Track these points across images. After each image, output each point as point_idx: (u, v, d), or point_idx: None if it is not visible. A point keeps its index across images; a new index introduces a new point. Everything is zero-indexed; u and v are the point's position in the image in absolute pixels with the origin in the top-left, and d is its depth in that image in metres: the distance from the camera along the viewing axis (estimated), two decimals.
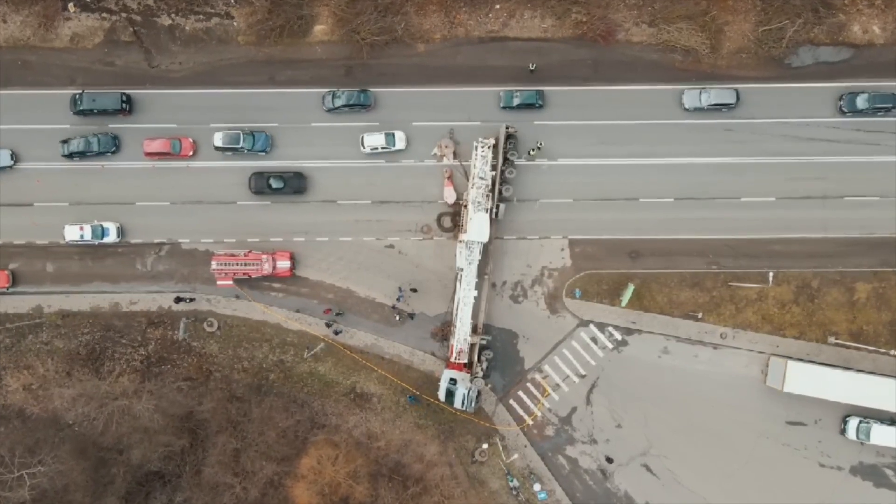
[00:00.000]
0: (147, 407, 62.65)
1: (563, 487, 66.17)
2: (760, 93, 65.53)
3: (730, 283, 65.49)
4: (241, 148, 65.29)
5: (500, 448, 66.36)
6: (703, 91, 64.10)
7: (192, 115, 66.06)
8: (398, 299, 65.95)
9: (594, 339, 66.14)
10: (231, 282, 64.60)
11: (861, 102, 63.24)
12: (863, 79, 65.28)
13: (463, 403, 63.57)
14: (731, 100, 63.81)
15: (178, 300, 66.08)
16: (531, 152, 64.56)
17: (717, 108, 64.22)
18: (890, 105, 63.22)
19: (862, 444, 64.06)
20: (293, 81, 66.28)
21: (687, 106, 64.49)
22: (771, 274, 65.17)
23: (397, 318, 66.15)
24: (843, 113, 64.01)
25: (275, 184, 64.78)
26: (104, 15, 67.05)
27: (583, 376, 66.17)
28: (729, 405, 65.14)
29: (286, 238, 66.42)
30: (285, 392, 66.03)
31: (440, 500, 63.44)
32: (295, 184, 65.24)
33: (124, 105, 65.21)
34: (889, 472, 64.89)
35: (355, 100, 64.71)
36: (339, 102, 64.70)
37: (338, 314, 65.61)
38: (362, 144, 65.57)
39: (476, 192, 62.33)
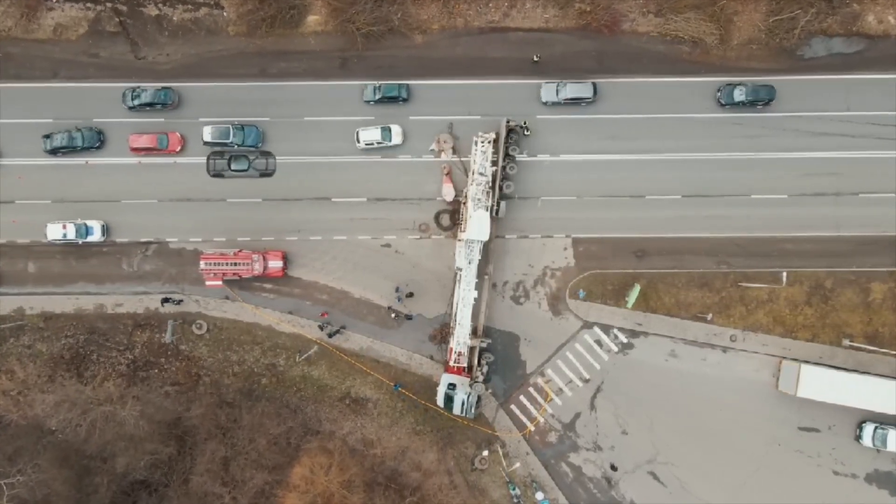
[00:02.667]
0: (132, 413, 61.68)
1: (566, 496, 65.18)
2: (771, 85, 64.14)
3: (740, 284, 64.38)
4: (231, 143, 64.29)
5: (501, 455, 65.34)
6: (560, 84, 63.07)
7: (179, 108, 65.06)
8: (396, 299, 64.80)
9: (598, 342, 65.10)
10: (220, 282, 63.52)
11: (738, 95, 62.50)
12: (877, 71, 64.10)
13: (462, 409, 62.47)
14: (588, 94, 62.84)
15: (165, 301, 64.77)
16: (525, 132, 63.75)
17: (575, 102, 63.10)
18: (766, 98, 62.62)
19: (878, 451, 62.91)
20: (286, 74, 65.36)
21: (544, 100, 63.49)
22: (784, 274, 64.07)
23: (393, 316, 65.05)
24: (721, 105, 63.30)
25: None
26: (89, 5, 65.91)
27: (587, 380, 65.22)
28: (739, 410, 64.16)
29: (278, 237, 65.39)
30: (277, 397, 65.24)
31: None
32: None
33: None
34: None
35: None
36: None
37: (337, 331, 64.54)
38: (357, 139, 64.59)
39: (476, 189, 61.35)
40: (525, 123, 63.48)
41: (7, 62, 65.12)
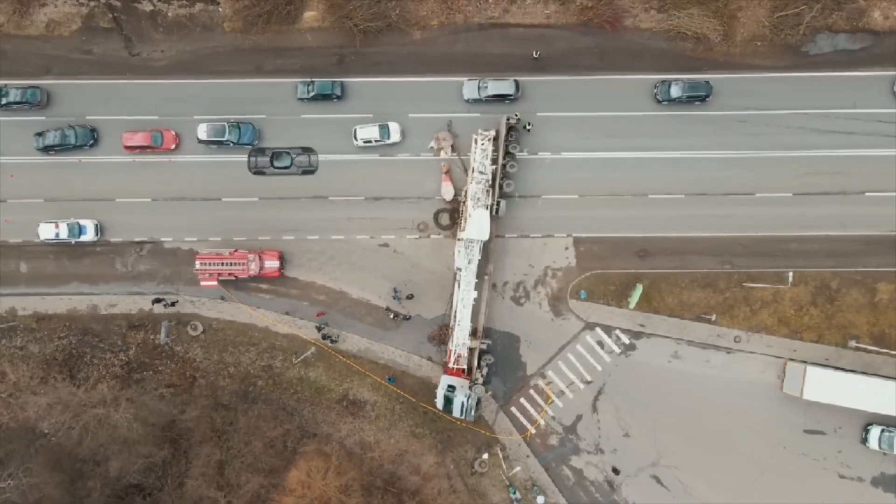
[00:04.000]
0: (126, 416, 60.96)
1: (567, 500, 64.59)
2: (776, 82, 63.82)
3: (744, 284, 63.78)
4: (227, 141, 63.64)
5: (502, 458, 64.78)
6: (482, 82, 62.53)
7: (174, 106, 64.56)
8: (394, 299, 64.28)
9: (600, 343, 64.55)
10: (216, 282, 62.92)
11: (675, 91, 61.98)
12: (883, 67, 63.36)
13: (462, 411, 61.97)
14: (510, 91, 62.18)
15: (156, 302, 64.14)
16: (527, 127, 63.45)
17: (498, 99, 62.56)
18: (703, 94, 62.05)
19: (884, 454, 62.30)
20: (282, 70, 64.74)
21: (466, 97, 63.11)
22: (790, 274, 63.47)
23: (392, 317, 64.44)
24: (658, 102, 62.85)
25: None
26: (82, 0, 65.10)
27: (588, 382, 64.71)
28: (743, 412, 63.64)
29: (274, 236, 64.75)
30: (273, 399, 64.63)
31: None
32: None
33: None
34: None
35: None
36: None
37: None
38: (355, 137, 64.02)
39: (475, 188, 60.80)
40: (528, 123, 62.92)
41: None
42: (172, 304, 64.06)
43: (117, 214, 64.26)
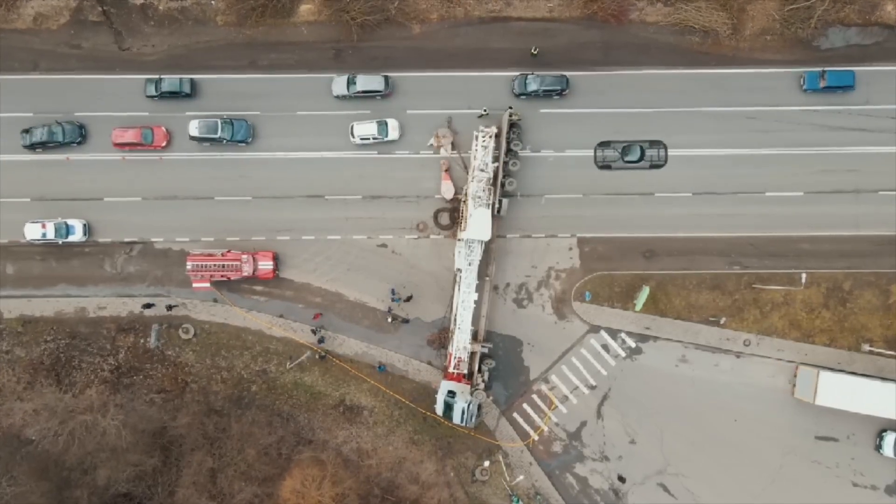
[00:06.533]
0: (114, 423, 59.86)
1: None
2: (786, 77, 62.82)
3: (754, 286, 62.87)
4: (220, 138, 62.58)
5: (503, 466, 64.02)
6: (351, 78, 62.09)
7: (165, 102, 63.40)
8: (392, 300, 63.35)
9: (605, 347, 63.80)
10: (208, 284, 61.90)
11: (532, 85, 61.66)
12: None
13: (462, 418, 61.06)
14: (380, 87, 61.78)
15: (146, 307, 63.12)
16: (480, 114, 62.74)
17: (368, 94, 62.07)
18: (559, 88, 61.60)
19: None
20: (277, 66, 63.80)
21: (335, 94, 62.54)
22: (804, 275, 62.45)
23: (390, 320, 63.53)
24: (515, 96, 62.32)
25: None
26: None
27: (593, 387, 63.95)
28: (753, 419, 62.84)
29: (269, 236, 63.77)
30: (268, 405, 63.68)
31: None
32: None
33: None
34: None
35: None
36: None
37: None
38: (352, 134, 63.17)
39: (476, 186, 60.08)
40: (484, 109, 62.32)
41: None
42: (170, 308, 62.79)
43: (106, 214, 63.20)
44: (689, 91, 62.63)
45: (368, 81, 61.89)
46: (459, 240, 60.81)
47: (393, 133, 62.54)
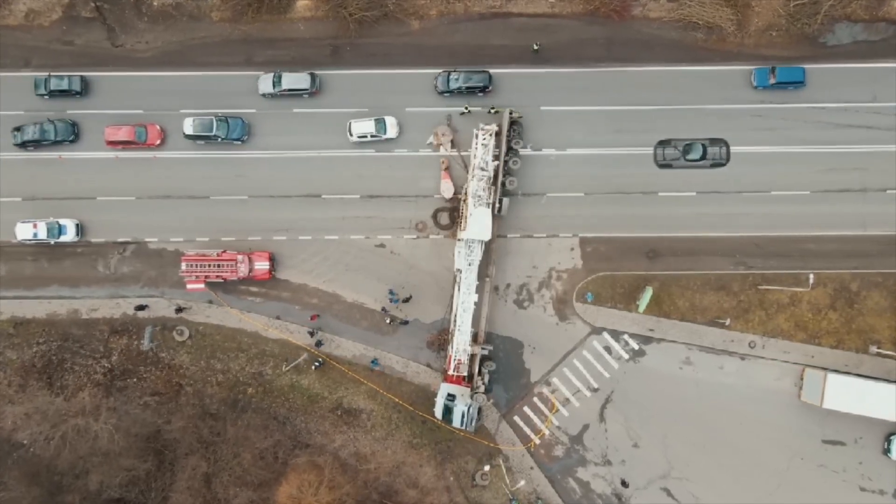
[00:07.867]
0: (107, 426, 59.26)
1: None
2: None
3: (759, 286, 62.19)
4: (215, 136, 62.15)
5: (504, 470, 63.37)
6: (276, 76, 61.53)
7: (159, 99, 63.25)
8: (390, 300, 62.77)
9: (608, 349, 63.16)
10: (203, 285, 61.52)
11: (454, 82, 61.51)
12: None
13: (462, 421, 60.50)
14: (306, 85, 61.32)
15: (139, 308, 62.57)
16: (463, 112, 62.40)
17: (294, 93, 61.56)
18: (482, 85, 61.37)
19: None
20: (273, 62, 63.33)
21: (261, 92, 62.02)
22: (811, 276, 61.70)
23: (388, 321, 62.85)
24: (439, 94, 62.15)
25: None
26: None
27: (595, 390, 63.32)
28: (759, 422, 62.11)
29: (265, 236, 63.26)
30: (264, 408, 63.13)
31: None
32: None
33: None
34: None
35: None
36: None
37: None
38: (350, 132, 62.59)
39: (476, 185, 59.65)
40: (465, 107, 61.95)
41: None
42: (179, 311, 62.24)
43: (99, 213, 62.75)
44: (693, 88, 62.02)
45: (295, 80, 61.41)
46: (459, 240, 60.29)
47: (391, 131, 62.03)
